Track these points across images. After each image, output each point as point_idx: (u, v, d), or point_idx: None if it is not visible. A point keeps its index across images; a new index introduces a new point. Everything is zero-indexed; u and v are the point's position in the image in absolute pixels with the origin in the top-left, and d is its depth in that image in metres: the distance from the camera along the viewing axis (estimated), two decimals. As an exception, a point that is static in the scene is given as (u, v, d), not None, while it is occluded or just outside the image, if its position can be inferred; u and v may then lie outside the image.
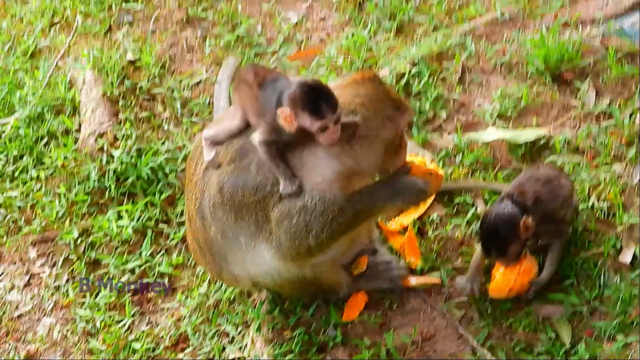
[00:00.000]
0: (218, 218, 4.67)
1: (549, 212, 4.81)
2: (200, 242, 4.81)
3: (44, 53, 6.95)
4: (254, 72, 4.67)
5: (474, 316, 4.87)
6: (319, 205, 4.51)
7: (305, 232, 4.53)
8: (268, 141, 4.51)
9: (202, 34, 6.80)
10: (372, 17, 6.54)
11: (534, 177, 4.94)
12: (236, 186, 4.60)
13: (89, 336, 5.31)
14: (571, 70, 5.77)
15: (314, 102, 4.37)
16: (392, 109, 4.55)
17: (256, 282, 4.83)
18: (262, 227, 4.61)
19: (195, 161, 4.80)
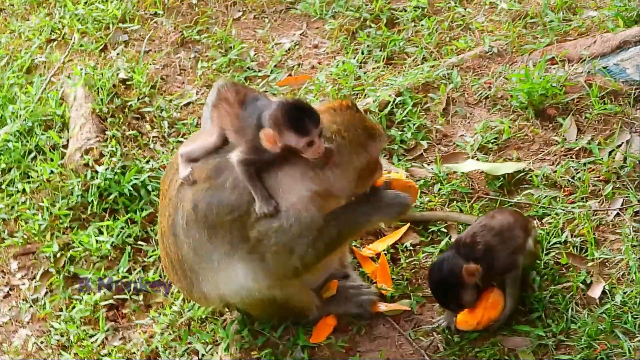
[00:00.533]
0: (191, 236, 4.71)
1: (498, 259, 4.81)
2: (172, 259, 4.86)
3: (39, 69, 7.04)
4: (235, 91, 4.74)
5: (440, 345, 4.88)
6: (294, 225, 4.56)
7: (287, 253, 4.59)
8: (247, 160, 4.56)
9: (195, 56, 6.88)
10: (363, 46, 6.60)
11: (488, 225, 4.91)
12: (210, 204, 4.65)
13: (62, 349, 5.36)
14: (554, 106, 5.80)
15: (298, 120, 4.44)
16: (366, 137, 4.62)
17: (226, 302, 4.87)
18: (237, 246, 4.65)
19: (170, 178, 4.85)
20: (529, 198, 5.39)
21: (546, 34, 6.33)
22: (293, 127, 4.44)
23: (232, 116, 4.68)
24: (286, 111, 4.48)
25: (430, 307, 5.07)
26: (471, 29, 6.59)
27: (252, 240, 4.61)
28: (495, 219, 4.96)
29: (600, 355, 4.67)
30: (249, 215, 4.58)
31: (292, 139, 4.46)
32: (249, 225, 4.59)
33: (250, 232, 4.60)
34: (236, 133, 4.66)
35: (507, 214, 5.06)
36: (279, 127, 4.46)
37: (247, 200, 4.58)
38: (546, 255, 5.12)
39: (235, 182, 4.60)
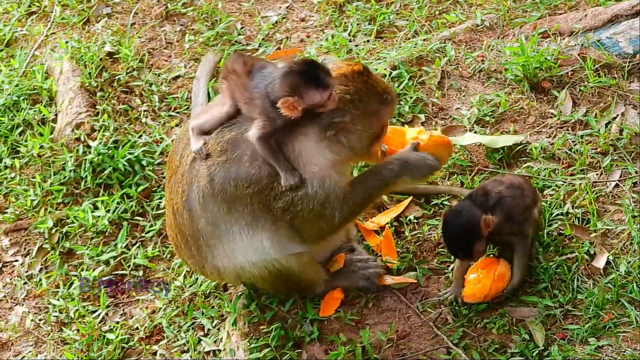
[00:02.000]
0: (209, 210, 4.67)
1: (511, 212, 4.87)
2: (187, 236, 4.80)
3: (20, 42, 6.91)
4: (242, 61, 4.70)
5: (449, 317, 4.91)
6: (320, 192, 4.59)
7: (316, 218, 4.62)
8: (265, 135, 4.52)
9: (181, 30, 6.80)
10: (352, 19, 6.58)
11: (499, 180, 5.02)
12: (228, 178, 4.61)
13: (62, 326, 5.30)
14: (549, 80, 5.84)
15: (316, 77, 4.44)
16: (379, 104, 4.64)
17: (240, 275, 4.83)
18: (259, 217, 4.64)
19: (180, 153, 4.80)
20: (529, 171, 5.43)
21: (536, 8, 6.37)
22: (314, 85, 4.43)
23: (240, 87, 4.64)
24: (302, 73, 4.46)
25: (436, 280, 5.09)
26: (460, 3, 6.60)
27: (276, 210, 4.60)
28: (505, 177, 5.07)
29: (608, 324, 4.74)
30: (270, 188, 4.57)
31: (316, 96, 4.45)
32: (272, 197, 4.59)
33: (274, 204, 4.60)
34: (247, 104, 4.63)
35: (515, 175, 5.18)
36: (299, 91, 4.44)
37: (267, 174, 4.57)
38: (549, 226, 5.17)
39: (253, 155, 4.58)
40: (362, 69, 4.65)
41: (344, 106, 4.56)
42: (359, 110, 4.58)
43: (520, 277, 4.89)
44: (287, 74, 4.48)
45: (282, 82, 4.47)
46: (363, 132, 4.63)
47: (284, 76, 4.48)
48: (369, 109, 4.61)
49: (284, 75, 4.49)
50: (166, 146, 5.96)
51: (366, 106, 4.60)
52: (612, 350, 4.66)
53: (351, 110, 4.57)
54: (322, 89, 4.43)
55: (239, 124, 4.65)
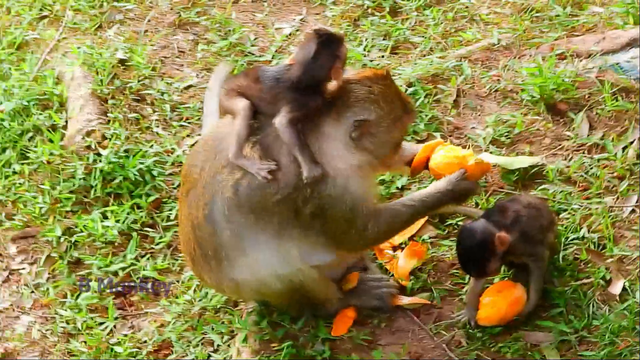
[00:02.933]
0: (234, 221, 4.62)
1: (527, 232, 4.82)
2: (207, 249, 4.73)
3: (30, 46, 6.85)
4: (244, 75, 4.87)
5: (462, 340, 4.86)
6: (345, 195, 4.59)
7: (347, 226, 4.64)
8: (295, 118, 4.56)
9: (194, 39, 6.75)
10: (367, 34, 6.54)
11: (516, 199, 5.00)
12: (254, 186, 4.58)
13: (69, 337, 5.23)
14: (566, 102, 5.80)
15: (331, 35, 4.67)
16: (401, 109, 4.69)
17: (259, 289, 4.77)
18: (287, 226, 4.62)
19: (200, 166, 4.73)
20: (544, 193, 5.39)
21: (553, 29, 6.33)
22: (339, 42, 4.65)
23: (256, 95, 4.69)
24: (325, 41, 4.61)
25: (450, 301, 5.04)
26: (476, 21, 6.56)
27: (305, 217, 4.58)
28: (523, 197, 5.06)
29: (624, 352, 4.69)
30: (298, 193, 4.55)
31: (344, 50, 4.66)
32: (301, 202, 4.56)
33: (303, 209, 4.57)
34: (270, 104, 4.65)
35: (533, 196, 5.16)
36: (336, 54, 4.62)
37: (293, 179, 4.55)
38: (565, 250, 5.12)
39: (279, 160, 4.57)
40: (386, 74, 4.71)
41: (369, 105, 4.59)
42: (383, 111, 4.61)
43: (536, 300, 4.85)
44: (319, 51, 4.59)
45: (322, 58, 4.59)
46: (386, 136, 4.66)
47: (319, 53, 4.60)
48: (392, 112, 4.65)
49: (318, 53, 4.60)
50: (177, 157, 5.91)
51: (390, 108, 4.64)
52: (627, 379, 4.62)
53: (376, 110, 4.60)
54: (343, 43, 4.66)
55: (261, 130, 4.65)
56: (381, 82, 4.66)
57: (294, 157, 4.56)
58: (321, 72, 4.61)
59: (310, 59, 4.61)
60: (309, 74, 4.60)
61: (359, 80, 4.66)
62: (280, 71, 4.71)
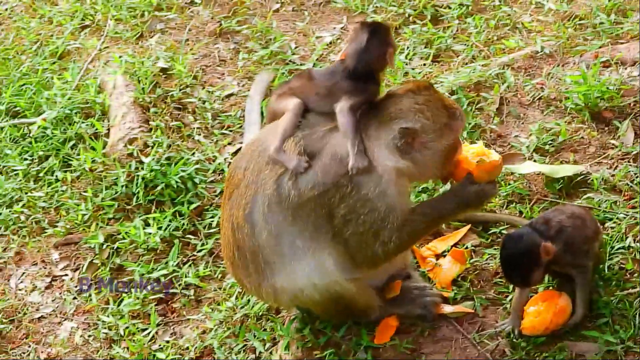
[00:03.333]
0: (273, 221, 4.61)
1: (571, 242, 4.76)
2: (246, 252, 4.72)
3: (72, 55, 6.91)
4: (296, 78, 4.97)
5: (506, 349, 4.80)
6: (380, 203, 4.54)
7: (372, 238, 4.57)
8: (356, 105, 4.63)
9: (235, 48, 6.77)
10: (408, 42, 6.52)
11: (560, 210, 4.94)
12: (294, 181, 4.58)
13: (111, 343, 5.23)
14: (610, 110, 5.75)
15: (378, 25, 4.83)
16: (448, 116, 4.67)
17: (296, 297, 4.75)
18: (321, 228, 4.60)
19: (244, 167, 4.73)
20: (589, 202, 5.33)
21: (597, 36, 6.28)
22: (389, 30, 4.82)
23: (311, 92, 4.77)
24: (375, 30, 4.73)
25: (493, 310, 4.99)
26: (518, 29, 6.52)
27: (338, 220, 4.56)
28: (567, 207, 5.00)
29: (671, 363, 4.63)
30: (335, 190, 4.54)
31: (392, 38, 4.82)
32: (336, 202, 4.55)
33: (336, 210, 4.55)
34: (326, 98, 4.73)
35: (576, 206, 5.10)
36: (387, 42, 4.74)
37: (331, 175, 4.55)
38: (610, 260, 5.05)
39: (320, 159, 4.58)
40: (428, 84, 4.74)
41: (414, 115, 4.59)
42: (429, 120, 4.61)
43: (583, 311, 4.78)
44: (372, 38, 4.70)
45: (376, 45, 4.71)
46: (436, 145, 4.63)
47: (372, 40, 4.71)
48: (439, 119, 4.63)
49: (372, 40, 4.71)
50: (219, 164, 5.92)
51: (436, 117, 4.63)
52: (674, 390, 4.55)
53: (421, 120, 4.60)
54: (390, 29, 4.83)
55: (307, 128, 4.68)
56: (424, 91, 4.68)
57: (336, 157, 4.56)
58: (375, 58, 4.71)
59: (363, 47, 4.70)
60: (364, 62, 4.69)
61: (402, 94, 4.68)
62: (334, 66, 4.83)
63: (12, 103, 6.50)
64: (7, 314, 5.45)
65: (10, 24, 7.31)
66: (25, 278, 5.64)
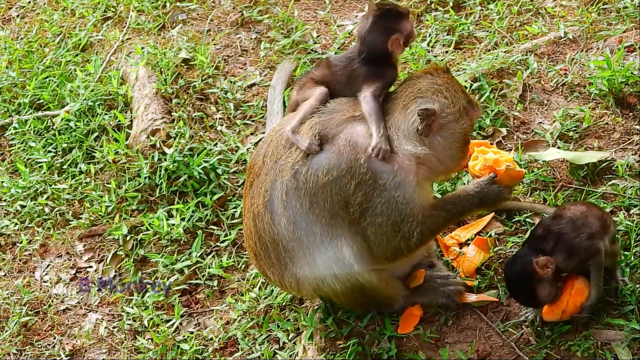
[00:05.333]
0: (291, 207, 4.61)
1: (572, 247, 4.68)
2: (266, 241, 4.72)
3: (95, 47, 6.92)
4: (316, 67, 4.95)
5: (531, 338, 4.78)
6: (399, 192, 4.52)
7: (392, 231, 4.54)
8: (378, 91, 4.66)
9: (256, 37, 6.75)
10: (430, 29, 6.48)
11: (559, 214, 4.81)
12: (311, 167, 4.58)
13: (136, 334, 5.26)
14: (635, 95, 5.69)
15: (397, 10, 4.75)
16: (466, 101, 4.67)
17: (318, 287, 4.74)
18: (338, 215, 4.57)
19: (263, 154, 4.75)
20: (614, 189, 5.28)
21: (621, 21, 6.21)
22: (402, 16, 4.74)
23: (332, 80, 4.80)
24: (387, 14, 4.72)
25: (518, 299, 4.96)
26: (541, 14, 6.46)
27: (354, 208, 4.54)
28: (567, 209, 4.86)
29: (697, 350, 4.58)
30: (350, 176, 4.52)
31: (407, 25, 4.74)
32: (352, 189, 4.53)
33: (352, 198, 4.53)
34: (347, 84, 4.77)
35: (579, 204, 4.95)
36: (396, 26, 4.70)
37: (345, 160, 4.54)
38: (636, 246, 5.01)
39: (340, 141, 4.57)
40: (446, 69, 4.76)
41: (432, 95, 4.60)
42: (447, 100, 4.60)
43: (598, 292, 4.72)
44: (376, 22, 4.71)
45: (379, 29, 4.71)
46: (455, 126, 4.61)
47: (376, 25, 4.71)
48: (458, 101, 4.63)
49: (375, 25, 4.72)
50: (241, 154, 5.91)
51: (454, 98, 4.63)
52: (701, 377, 4.50)
53: (440, 99, 4.60)
54: (407, 17, 4.73)
55: (326, 114, 4.67)
56: (443, 74, 4.69)
57: (352, 143, 4.55)
58: (377, 43, 4.71)
59: (365, 30, 4.74)
60: (367, 45, 4.72)
61: (420, 77, 4.69)
62: (350, 52, 4.86)
63: (36, 96, 6.53)
64: (32, 306, 5.48)
65: (34, 17, 7.33)
66: (50, 270, 5.67)
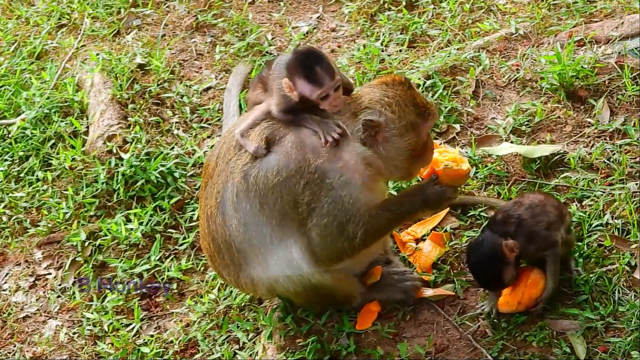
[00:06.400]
0: (241, 209, 4.63)
1: (532, 234, 4.76)
2: (219, 242, 4.75)
3: (50, 55, 6.91)
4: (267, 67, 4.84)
5: (488, 330, 4.83)
6: (344, 193, 4.53)
7: (336, 232, 4.55)
8: (283, 108, 4.59)
9: (212, 41, 6.77)
10: (384, 29, 6.53)
11: (518, 202, 4.90)
12: (260, 169, 4.60)
13: (96, 339, 5.25)
14: (586, 88, 5.77)
15: (310, 69, 4.43)
16: (416, 115, 4.64)
17: (273, 288, 4.78)
18: (288, 215, 4.59)
19: (217, 155, 4.78)
20: (566, 181, 5.36)
21: (571, 16, 6.30)
22: (305, 76, 4.45)
23: (269, 82, 4.73)
24: (299, 60, 4.48)
25: (474, 292, 5.01)
26: (493, 11, 6.54)
27: (302, 208, 4.56)
28: (525, 197, 4.95)
29: (651, 338, 4.65)
30: (299, 176, 4.54)
31: (305, 88, 4.46)
32: (300, 189, 4.54)
33: (300, 197, 4.55)
34: (270, 91, 4.72)
35: (537, 193, 5.04)
36: (293, 75, 4.47)
37: (294, 160, 4.55)
38: (589, 237, 5.08)
39: (287, 143, 4.58)
40: (404, 80, 4.70)
41: (380, 108, 4.59)
42: (394, 114, 4.59)
43: (554, 283, 4.79)
44: (291, 55, 4.53)
45: (284, 63, 4.53)
46: (400, 141, 4.61)
47: (287, 58, 4.54)
48: (405, 117, 4.61)
49: (287, 58, 4.54)
50: (198, 158, 5.93)
51: (403, 113, 4.61)
52: (655, 364, 4.58)
53: (386, 113, 4.59)
54: (312, 84, 4.44)
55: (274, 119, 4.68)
56: (397, 86, 4.66)
57: (299, 144, 4.56)
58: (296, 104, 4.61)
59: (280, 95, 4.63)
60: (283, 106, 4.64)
61: (375, 85, 4.70)
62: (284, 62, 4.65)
63: (-9, 105, 6.52)
64: (-9, 315, 5.48)
65: (-13, 26, 7.32)
66: (9, 278, 5.66)
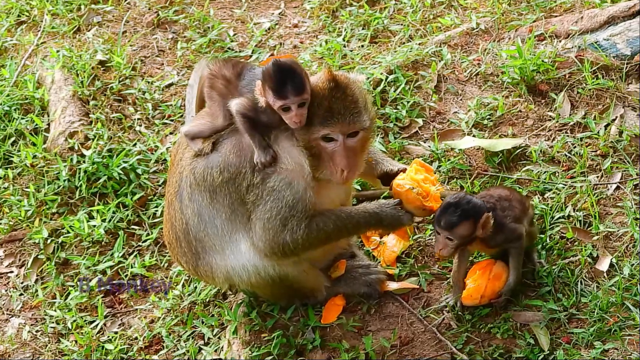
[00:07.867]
0: (195, 200, 4.71)
1: (501, 224, 4.78)
2: (177, 229, 4.79)
3: (9, 52, 6.84)
4: (232, 65, 4.75)
5: (452, 322, 4.86)
6: (287, 192, 4.56)
7: (280, 225, 4.56)
8: (244, 114, 4.58)
9: (173, 37, 6.75)
10: (346, 25, 6.54)
11: (489, 193, 4.93)
12: (206, 167, 4.66)
13: (60, 337, 5.22)
14: (546, 82, 5.81)
15: (279, 81, 4.47)
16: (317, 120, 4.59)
17: (230, 277, 4.79)
18: (237, 210, 4.65)
19: (178, 144, 4.88)
20: (528, 174, 5.40)
21: (531, 10, 6.35)
22: (272, 87, 4.48)
23: (232, 91, 4.67)
24: (273, 70, 4.50)
25: (438, 285, 5.04)
26: (454, 6, 6.57)
27: (249, 204, 4.61)
28: (493, 190, 4.99)
29: (613, 328, 4.69)
30: (243, 177, 4.59)
31: (270, 97, 4.49)
32: (245, 188, 4.59)
33: (247, 196, 4.60)
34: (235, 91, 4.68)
35: (503, 188, 5.06)
36: (264, 82, 4.51)
37: (237, 160, 4.60)
38: (551, 229, 5.13)
39: (229, 146, 4.63)
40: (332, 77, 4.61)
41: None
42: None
43: (517, 276, 4.83)
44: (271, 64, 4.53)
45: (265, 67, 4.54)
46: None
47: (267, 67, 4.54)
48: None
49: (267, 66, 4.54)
50: (161, 154, 5.91)
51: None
52: (617, 354, 4.61)
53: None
54: (277, 96, 4.47)
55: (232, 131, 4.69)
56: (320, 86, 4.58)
57: (238, 147, 4.61)
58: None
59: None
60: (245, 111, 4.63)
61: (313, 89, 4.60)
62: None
63: (-50, 103, 6.44)
64: (-47, 314, 5.42)
65: (-54, 23, 7.23)
66: (-30, 277, 5.61)
